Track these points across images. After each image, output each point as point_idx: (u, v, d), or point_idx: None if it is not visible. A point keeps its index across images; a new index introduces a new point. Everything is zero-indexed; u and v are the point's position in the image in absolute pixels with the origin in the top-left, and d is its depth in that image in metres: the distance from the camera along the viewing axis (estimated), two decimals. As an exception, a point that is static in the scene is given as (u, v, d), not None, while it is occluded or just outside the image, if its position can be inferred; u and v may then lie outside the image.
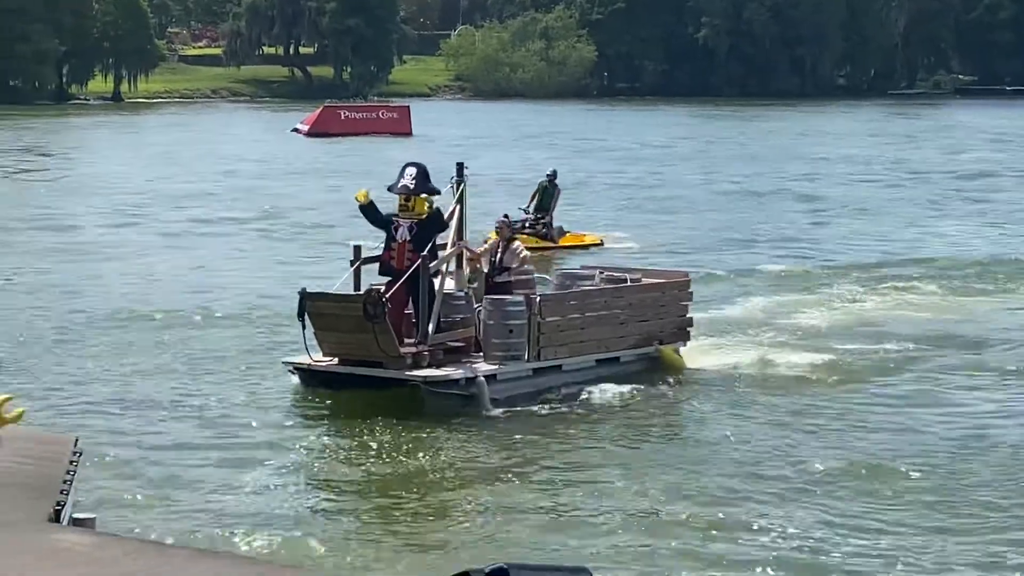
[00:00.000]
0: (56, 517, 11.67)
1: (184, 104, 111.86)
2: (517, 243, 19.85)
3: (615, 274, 20.60)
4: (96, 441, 15.88)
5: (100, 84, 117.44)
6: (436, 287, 18.31)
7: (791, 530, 13.43)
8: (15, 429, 13.32)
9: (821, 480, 15.09)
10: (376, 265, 18.86)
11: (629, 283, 20.22)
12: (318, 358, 18.35)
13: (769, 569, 12.56)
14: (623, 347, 19.76)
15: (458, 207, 19.35)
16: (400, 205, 18.76)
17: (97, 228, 36.59)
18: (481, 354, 18.64)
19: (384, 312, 17.54)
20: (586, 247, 32.77)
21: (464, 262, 19.39)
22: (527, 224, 32.18)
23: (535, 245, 31.78)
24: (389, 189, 18.98)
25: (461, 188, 19.52)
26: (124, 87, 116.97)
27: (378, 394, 17.81)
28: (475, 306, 18.86)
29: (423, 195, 18.69)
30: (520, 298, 18.68)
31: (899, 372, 20.63)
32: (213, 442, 16.64)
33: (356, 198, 18.83)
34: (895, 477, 15.23)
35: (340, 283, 18.80)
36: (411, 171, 18.89)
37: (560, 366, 19.06)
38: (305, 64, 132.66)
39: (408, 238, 18.44)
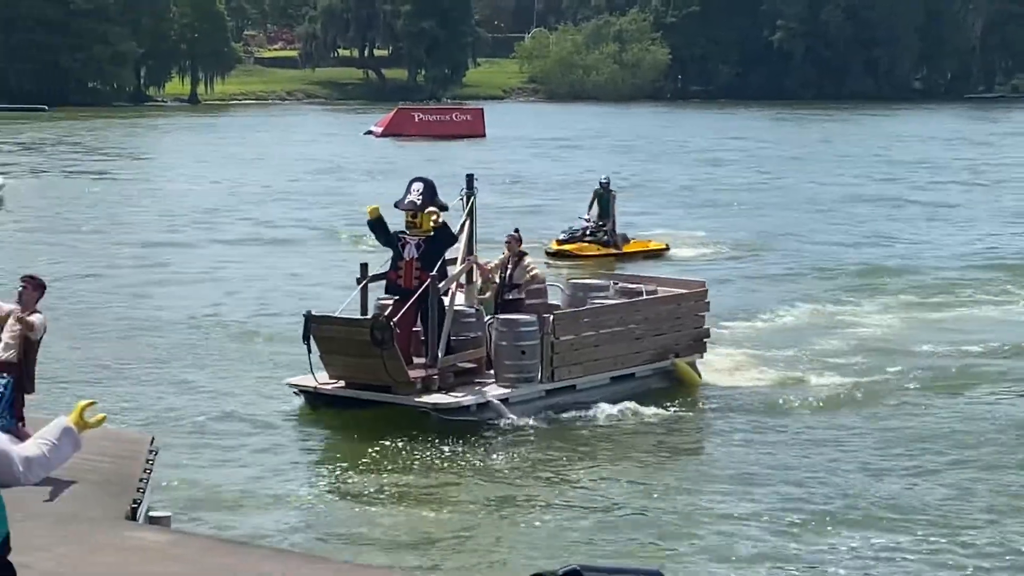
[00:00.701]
0: (132, 515, 11.83)
1: (259, 106, 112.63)
2: (527, 259, 19.12)
3: (630, 285, 19.90)
4: (171, 440, 16.07)
5: (177, 86, 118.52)
6: (446, 306, 17.67)
7: (828, 557, 13.00)
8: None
9: (848, 506, 14.45)
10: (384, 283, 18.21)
11: (644, 295, 19.49)
12: (324, 380, 17.65)
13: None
14: (638, 363, 19.06)
15: (468, 221, 18.62)
16: (407, 222, 18.13)
17: (170, 230, 36.92)
18: (492, 373, 17.93)
19: (392, 337, 16.87)
20: (652, 253, 32.52)
21: (475, 276, 18.75)
22: (588, 232, 31.95)
23: (598, 252, 31.69)
24: (396, 205, 18.29)
25: (471, 201, 18.72)
26: (200, 89, 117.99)
27: (394, 410, 17.34)
28: (486, 319, 18.19)
29: (431, 210, 17.97)
30: (532, 318, 17.94)
31: (956, 384, 19.89)
32: (286, 443, 16.75)
33: (367, 213, 18.12)
34: (921, 505, 14.57)
35: (347, 303, 18.18)
36: (417, 186, 18.20)
37: (575, 386, 18.35)
38: (379, 66, 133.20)
39: (415, 255, 17.81)
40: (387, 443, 16.42)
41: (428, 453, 16.20)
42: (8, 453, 6.20)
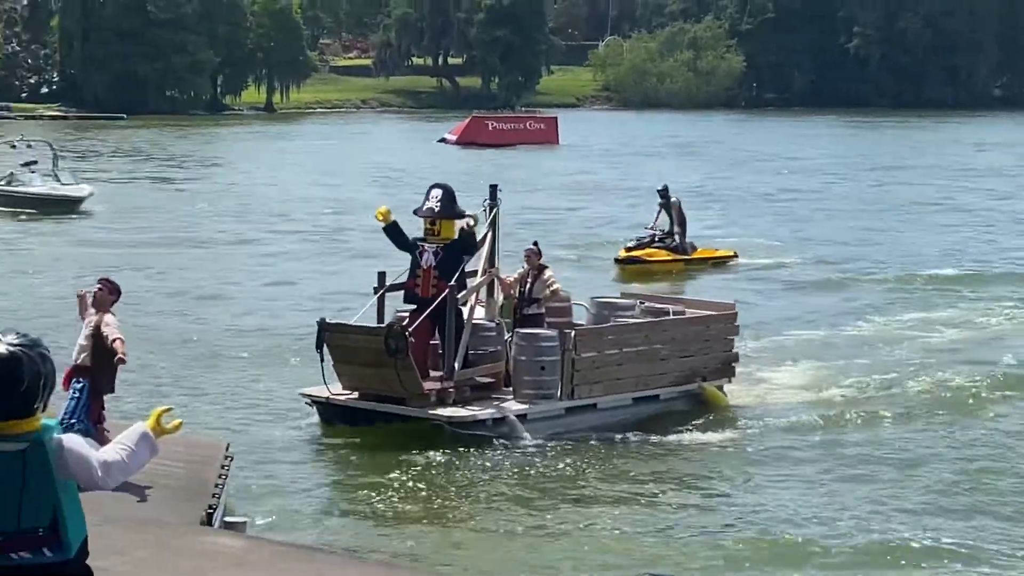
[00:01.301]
0: (208, 520, 11.90)
1: (334, 114, 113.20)
2: (548, 272, 18.35)
3: (657, 305, 19.31)
4: (246, 446, 16.15)
5: (253, 95, 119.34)
6: (464, 318, 17.13)
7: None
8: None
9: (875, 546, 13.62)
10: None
11: (671, 315, 18.91)
12: (337, 391, 17.19)
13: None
14: (663, 384, 18.40)
15: (491, 232, 17.90)
16: (425, 229, 17.65)
17: (245, 237, 37.17)
18: (511, 390, 17.43)
19: (407, 347, 16.38)
20: (720, 260, 32.40)
21: (496, 290, 18.19)
22: (656, 239, 31.82)
23: (668, 258, 31.60)
24: (415, 212, 17.89)
25: (494, 212, 18.03)
26: (276, 97, 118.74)
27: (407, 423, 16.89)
28: (507, 336, 17.62)
29: (470, 215, 17.59)
30: (553, 333, 17.42)
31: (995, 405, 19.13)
32: (360, 447, 16.73)
33: (376, 217, 17.71)
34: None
35: (363, 312, 17.73)
36: (437, 193, 17.70)
37: (595, 405, 17.73)
38: (453, 74, 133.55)
39: (433, 264, 17.29)
40: (402, 457, 16.03)
41: (441, 467, 15.82)
42: (87, 458, 6.25)
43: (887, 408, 18.84)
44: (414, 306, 17.33)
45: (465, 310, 17.24)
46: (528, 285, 18.15)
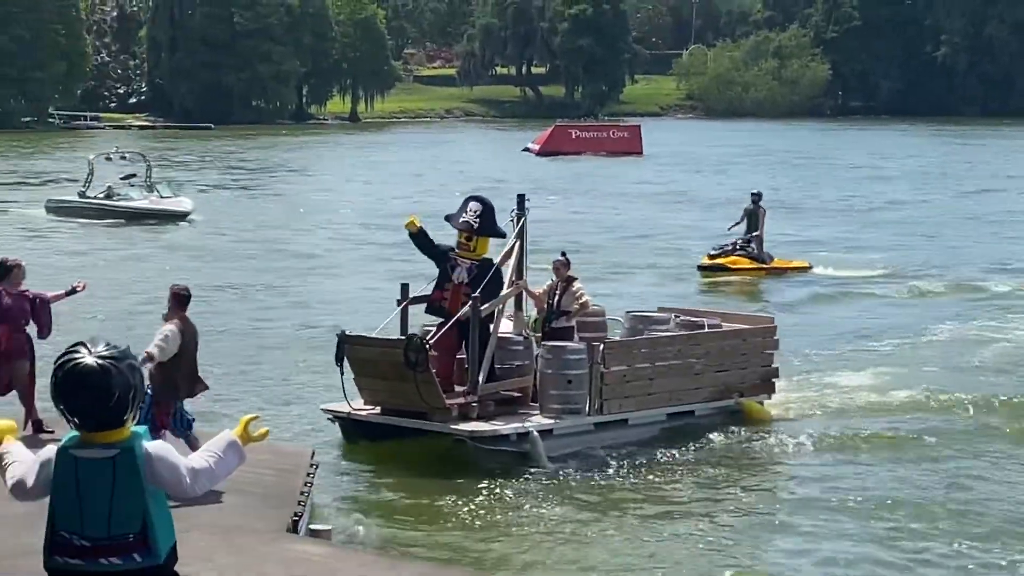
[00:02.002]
0: (294, 528, 11.96)
1: (418, 124, 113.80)
2: (577, 284, 17.62)
3: (692, 319, 18.67)
4: (330, 454, 16.20)
5: (337, 104, 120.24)
6: (491, 331, 16.53)
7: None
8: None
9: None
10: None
11: (707, 329, 18.32)
12: (358, 406, 16.71)
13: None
14: (698, 400, 17.85)
15: (518, 243, 17.30)
16: (460, 243, 16.98)
17: (328, 245, 37.41)
18: (538, 405, 16.82)
19: (427, 359, 15.86)
20: (794, 271, 32.12)
21: (525, 302, 17.68)
22: (737, 246, 31.78)
23: (750, 266, 31.59)
24: (447, 219, 17.33)
25: (522, 223, 17.41)
26: (361, 107, 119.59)
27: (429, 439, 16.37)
28: (535, 351, 17.01)
29: (492, 236, 16.95)
30: (581, 346, 16.82)
31: None
32: (385, 461, 16.50)
33: (406, 226, 17.08)
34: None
35: (385, 323, 17.07)
36: (475, 207, 17.04)
37: (626, 420, 17.15)
38: (536, 84, 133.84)
39: (466, 280, 16.69)
40: (428, 472, 15.73)
41: (464, 484, 15.45)
42: (176, 465, 6.32)
43: (946, 426, 18.04)
44: (440, 319, 16.77)
45: (492, 325, 16.63)
46: (556, 297, 17.51)
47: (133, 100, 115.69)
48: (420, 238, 17.08)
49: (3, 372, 14.60)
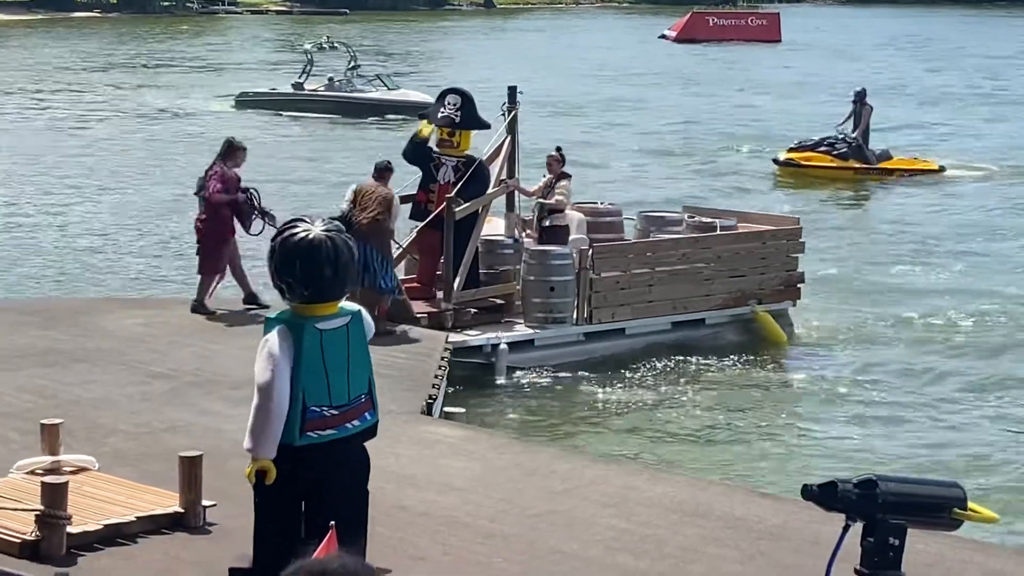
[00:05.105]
0: (428, 410, 12.21)
1: (554, 10, 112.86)
2: (563, 182, 16.49)
3: (705, 220, 17.26)
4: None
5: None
6: (473, 234, 15.57)
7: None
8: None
9: None
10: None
11: (719, 230, 16.97)
12: None
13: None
14: (708, 307, 16.74)
15: (509, 138, 16.35)
16: (442, 140, 15.96)
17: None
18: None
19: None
20: (917, 172, 30.39)
21: (517, 202, 16.72)
22: (825, 142, 30.15)
23: (831, 165, 29.78)
24: (421, 116, 16.55)
25: (512, 115, 16.39)
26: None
27: None
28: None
29: (475, 128, 16.16)
30: (565, 250, 15.73)
31: None
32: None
33: (419, 133, 16.01)
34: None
35: None
36: (454, 99, 16.04)
37: (623, 330, 16.14)
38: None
39: (452, 180, 15.70)
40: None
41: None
42: (371, 325, 7.47)
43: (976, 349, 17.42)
44: (419, 224, 15.87)
45: (476, 226, 15.68)
46: (545, 195, 16.56)
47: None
48: (420, 145, 16.00)
49: (224, 253, 15.19)
